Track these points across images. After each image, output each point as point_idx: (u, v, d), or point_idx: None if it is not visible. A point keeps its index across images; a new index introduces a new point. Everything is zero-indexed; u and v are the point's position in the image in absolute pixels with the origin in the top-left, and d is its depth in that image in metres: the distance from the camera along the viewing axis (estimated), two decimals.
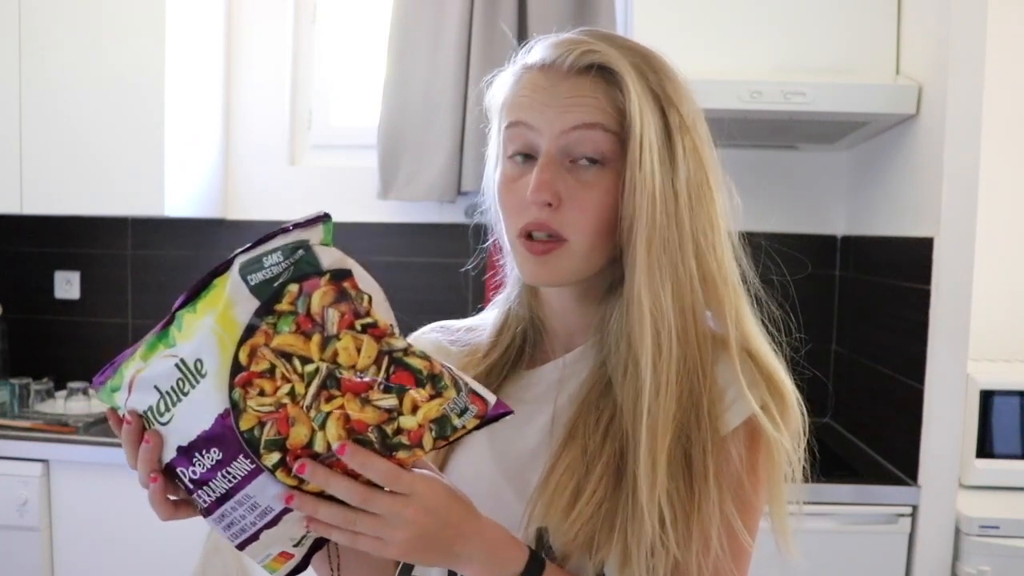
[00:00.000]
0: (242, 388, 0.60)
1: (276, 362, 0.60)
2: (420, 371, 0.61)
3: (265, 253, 0.61)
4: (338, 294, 0.60)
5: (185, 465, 0.63)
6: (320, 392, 0.60)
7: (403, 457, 0.61)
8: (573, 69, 0.73)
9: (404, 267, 2.48)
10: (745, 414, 0.73)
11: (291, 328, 0.60)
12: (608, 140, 0.72)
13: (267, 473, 0.61)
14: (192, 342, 0.61)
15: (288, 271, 0.60)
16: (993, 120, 1.83)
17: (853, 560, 1.80)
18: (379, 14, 2.48)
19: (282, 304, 0.60)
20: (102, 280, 2.60)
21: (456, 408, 0.61)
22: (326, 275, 0.60)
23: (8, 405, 2.28)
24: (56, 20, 2.20)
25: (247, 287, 0.60)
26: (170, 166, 2.22)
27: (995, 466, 1.90)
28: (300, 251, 0.61)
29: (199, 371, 0.61)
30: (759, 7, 1.98)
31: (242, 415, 0.60)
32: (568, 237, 0.73)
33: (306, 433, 0.60)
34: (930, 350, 1.75)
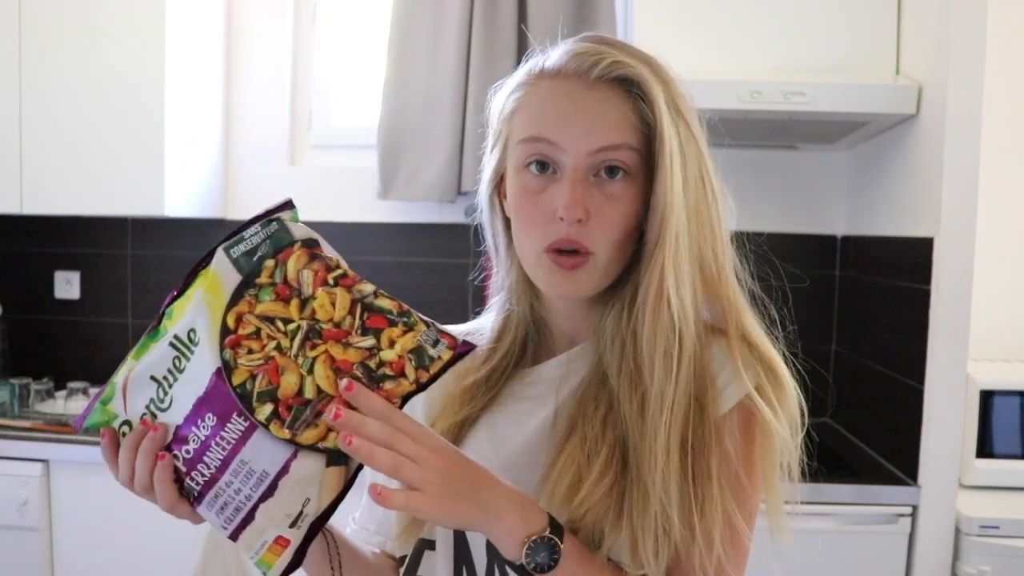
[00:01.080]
0: (232, 349, 0.65)
1: (261, 325, 0.65)
2: (390, 311, 0.66)
3: (245, 232, 0.68)
4: (310, 256, 0.67)
5: (180, 446, 0.65)
6: (304, 343, 0.65)
7: (390, 388, 0.65)
8: (599, 80, 0.73)
9: (404, 267, 2.48)
10: (739, 395, 0.74)
11: (271, 297, 0.66)
12: (633, 157, 0.73)
13: (261, 430, 0.64)
14: (184, 318, 0.67)
15: (265, 243, 0.67)
16: (993, 120, 1.83)
17: (853, 560, 1.80)
18: (379, 14, 2.48)
19: (261, 278, 0.66)
20: (102, 280, 2.60)
21: (428, 339, 0.66)
22: (298, 243, 0.67)
23: (8, 405, 2.28)
24: (56, 20, 2.20)
25: (230, 260, 0.67)
26: (170, 166, 2.22)
27: (995, 466, 1.90)
28: (274, 223, 0.68)
29: (192, 340, 0.66)
30: (759, 7, 1.98)
31: (234, 371, 0.64)
32: (595, 251, 0.74)
33: (295, 380, 0.64)
34: (930, 350, 1.75)
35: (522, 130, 0.76)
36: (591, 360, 0.79)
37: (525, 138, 0.75)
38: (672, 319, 0.72)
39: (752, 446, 0.75)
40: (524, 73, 0.79)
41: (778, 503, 0.77)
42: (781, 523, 0.77)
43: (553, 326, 0.84)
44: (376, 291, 0.67)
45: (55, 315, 2.62)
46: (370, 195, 2.46)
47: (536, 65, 0.78)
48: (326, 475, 0.65)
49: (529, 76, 0.78)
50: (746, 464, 0.75)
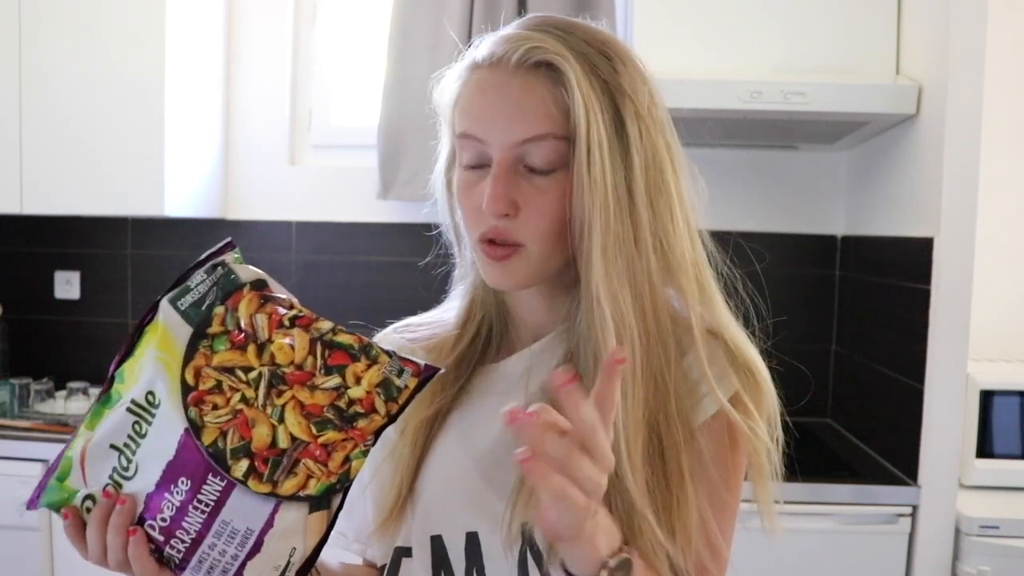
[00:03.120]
0: (196, 407, 0.62)
1: (221, 377, 0.63)
2: (352, 346, 0.64)
3: (190, 281, 0.65)
4: (261, 300, 0.64)
5: (154, 515, 0.62)
6: (270, 391, 0.63)
7: (363, 426, 0.64)
8: (520, 67, 0.70)
9: (404, 267, 2.47)
10: (715, 407, 0.73)
11: (227, 346, 0.63)
12: (558, 147, 0.70)
13: (240, 487, 0.62)
14: (139, 380, 0.64)
15: (213, 290, 0.64)
16: (993, 120, 1.82)
17: (853, 560, 1.80)
18: (379, 14, 2.48)
19: (213, 327, 0.64)
20: (102, 280, 2.60)
21: (393, 370, 0.64)
22: (246, 286, 0.64)
23: (8, 405, 2.28)
24: (56, 20, 2.20)
25: (178, 313, 0.64)
26: (170, 166, 2.22)
27: (995, 466, 1.90)
28: (219, 268, 0.65)
29: (152, 403, 0.63)
30: (759, 7, 1.98)
31: (203, 431, 0.62)
32: (525, 243, 0.72)
33: (268, 432, 0.62)
34: (930, 350, 1.75)
35: (458, 125, 0.75)
36: (559, 353, 0.77)
37: (458, 135, 0.75)
38: (610, 324, 0.69)
39: (732, 452, 0.74)
40: (463, 62, 0.77)
41: (768, 497, 0.75)
42: (772, 518, 0.75)
43: (518, 317, 0.83)
44: (334, 327, 0.65)
45: (55, 315, 2.62)
46: (370, 195, 2.46)
47: (471, 54, 0.76)
48: (310, 521, 0.63)
49: (464, 66, 0.76)
50: (722, 469, 0.73)
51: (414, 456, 0.79)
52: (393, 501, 0.78)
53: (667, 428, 0.71)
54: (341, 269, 2.51)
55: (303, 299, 0.67)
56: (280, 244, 2.53)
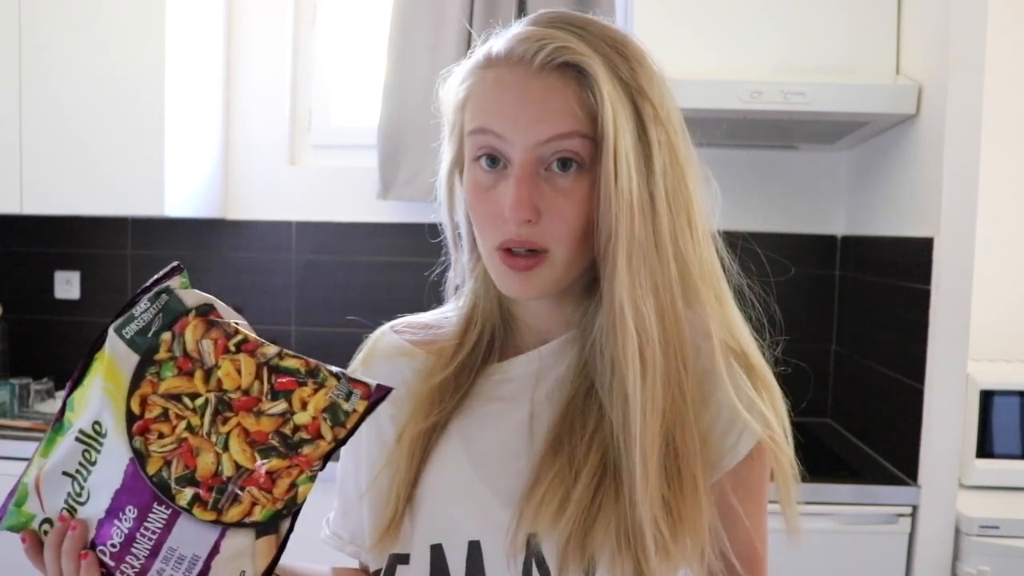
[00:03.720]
0: (141, 436, 0.63)
1: (167, 405, 0.63)
2: (298, 370, 0.64)
3: (135, 310, 0.65)
4: (207, 325, 0.64)
5: (104, 541, 0.63)
6: (215, 418, 0.63)
7: (309, 452, 0.64)
8: (544, 67, 0.68)
9: (404, 267, 2.47)
10: (754, 441, 0.73)
11: (173, 372, 0.64)
12: (584, 145, 0.68)
13: (185, 515, 0.62)
14: (87, 410, 0.64)
15: (158, 317, 0.64)
16: (993, 120, 1.82)
17: (853, 560, 1.80)
18: (379, 14, 2.48)
19: (160, 354, 0.64)
20: (102, 280, 2.60)
21: (341, 394, 0.64)
22: (191, 311, 0.65)
23: (8, 405, 2.28)
24: (56, 20, 2.20)
25: (123, 341, 0.64)
26: (170, 166, 2.22)
27: (995, 466, 1.90)
28: (163, 295, 0.65)
29: (99, 433, 0.64)
30: (759, 7, 1.98)
31: (147, 460, 0.63)
32: (549, 248, 0.69)
33: (212, 460, 0.63)
34: (930, 350, 1.75)
35: (471, 122, 0.72)
36: (569, 359, 0.76)
37: (473, 130, 0.71)
38: (634, 330, 0.68)
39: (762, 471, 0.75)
40: (474, 59, 0.74)
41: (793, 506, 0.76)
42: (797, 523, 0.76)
43: (521, 320, 0.80)
44: (280, 352, 0.65)
45: (55, 315, 2.62)
46: (370, 195, 2.46)
47: (485, 50, 0.73)
48: (258, 546, 0.64)
49: (477, 63, 0.73)
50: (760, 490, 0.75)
51: (411, 469, 0.76)
52: (390, 516, 0.76)
53: (683, 439, 0.70)
54: (341, 269, 2.51)
55: (303, 299, 0.66)
56: (280, 244, 2.53)
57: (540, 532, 0.70)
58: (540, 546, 0.70)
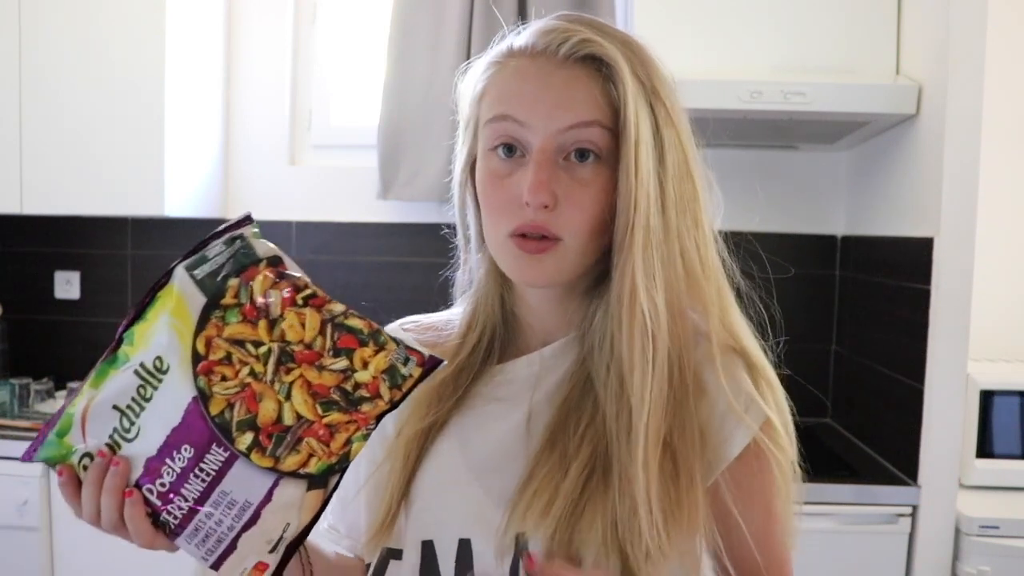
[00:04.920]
0: (205, 376, 0.63)
1: (231, 350, 0.63)
2: (361, 331, 0.65)
3: (208, 251, 0.65)
4: (277, 276, 0.64)
5: (153, 479, 0.63)
6: (278, 367, 0.63)
7: (367, 410, 0.64)
8: (567, 59, 0.69)
9: (404, 267, 2.48)
10: (749, 437, 0.72)
11: (238, 319, 0.63)
12: (604, 136, 0.69)
13: (242, 459, 0.62)
14: (149, 345, 0.64)
15: (229, 263, 0.64)
16: (993, 120, 1.82)
17: (853, 560, 1.80)
18: (379, 14, 2.48)
19: (226, 299, 0.64)
20: (102, 280, 2.60)
21: (399, 358, 0.65)
22: (262, 262, 0.65)
23: (8, 405, 2.28)
24: (56, 20, 2.20)
25: (194, 281, 0.64)
26: (170, 166, 2.22)
27: (995, 466, 1.90)
28: (237, 241, 0.65)
29: (160, 369, 0.63)
30: (759, 7, 1.98)
31: (210, 400, 0.62)
32: (563, 237, 0.70)
33: (274, 407, 0.63)
34: (930, 350, 1.75)
35: (489, 110, 0.72)
36: (570, 360, 0.76)
37: (492, 117, 0.72)
38: (645, 320, 0.69)
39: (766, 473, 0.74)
40: (493, 53, 0.75)
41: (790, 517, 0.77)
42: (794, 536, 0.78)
43: (524, 322, 0.81)
44: (346, 311, 0.65)
45: (55, 315, 2.62)
46: (370, 195, 2.46)
47: (505, 44, 0.74)
48: (306, 499, 0.64)
49: (498, 56, 0.74)
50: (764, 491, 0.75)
51: (407, 467, 0.77)
52: (385, 511, 0.77)
53: (682, 435, 0.70)
54: (341, 269, 2.51)
55: None
56: (280, 244, 2.47)
57: (528, 531, 0.70)
58: (527, 545, 0.71)
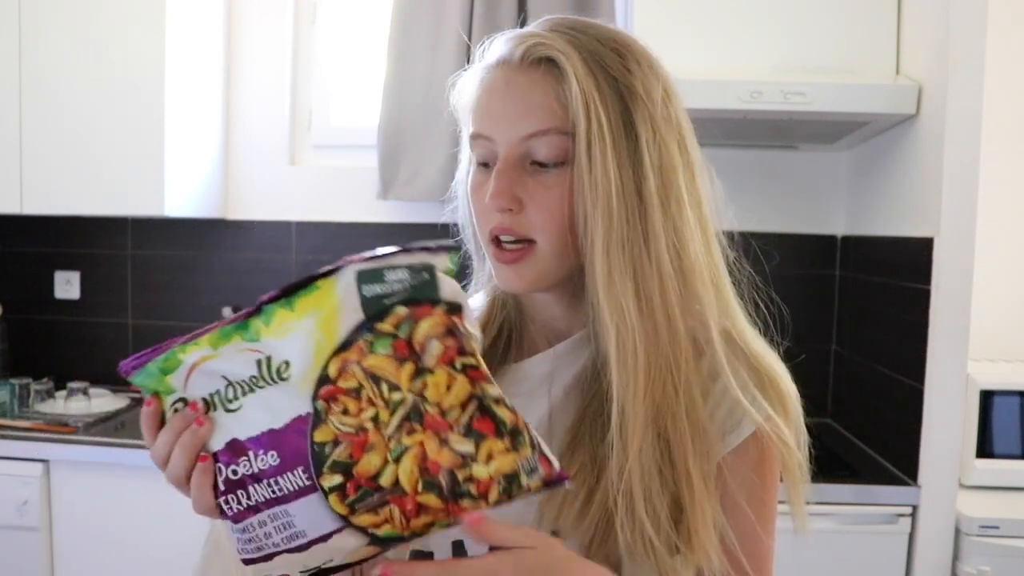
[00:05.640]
0: (325, 401, 0.58)
1: (364, 383, 0.58)
2: (504, 422, 0.59)
3: (388, 267, 0.58)
4: (448, 327, 0.58)
5: (229, 462, 0.59)
6: (403, 423, 0.58)
7: (467, 506, 0.59)
8: (523, 63, 0.71)
9: None
10: (751, 428, 0.73)
11: (386, 351, 0.57)
12: (563, 142, 0.70)
13: (319, 495, 0.58)
14: (283, 341, 0.58)
15: (405, 291, 0.58)
16: (993, 120, 1.83)
17: (853, 560, 1.80)
18: (379, 14, 2.48)
19: (385, 324, 0.57)
20: (102, 280, 2.61)
21: (527, 467, 0.59)
22: (441, 304, 0.58)
23: (8, 405, 2.28)
24: (56, 20, 2.20)
25: (359, 297, 0.57)
26: (170, 166, 2.22)
27: (995, 466, 1.90)
28: (424, 273, 0.58)
29: (281, 375, 0.58)
30: (759, 7, 1.98)
31: (321, 426, 0.58)
32: (535, 239, 0.72)
33: (378, 464, 0.58)
34: (930, 350, 1.75)
35: (470, 127, 0.75)
36: (583, 355, 0.77)
37: (470, 136, 0.75)
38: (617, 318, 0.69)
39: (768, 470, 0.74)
40: (474, 65, 0.78)
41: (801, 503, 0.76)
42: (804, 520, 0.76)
43: (539, 320, 0.82)
44: (500, 397, 0.59)
45: (55, 315, 2.62)
46: (370, 195, 2.46)
47: (480, 56, 0.77)
48: (361, 550, 0.61)
49: (476, 69, 0.77)
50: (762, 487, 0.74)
51: None
52: None
53: (675, 430, 0.70)
54: None
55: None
56: (280, 244, 2.53)
57: (563, 530, 0.70)
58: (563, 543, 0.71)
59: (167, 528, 2.01)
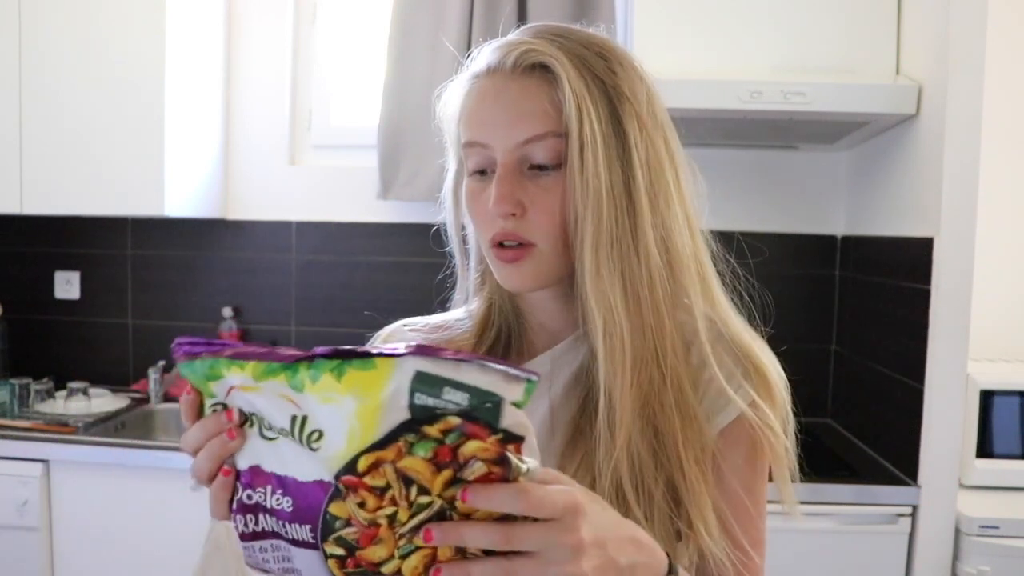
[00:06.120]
0: (346, 487, 0.55)
1: (394, 484, 0.54)
2: None
3: (452, 384, 0.52)
4: (499, 456, 0.53)
5: (248, 483, 0.59)
6: (422, 526, 0.55)
7: None
8: (516, 71, 0.73)
9: (404, 267, 2.48)
10: (735, 413, 0.74)
11: (426, 454, 0.53)
12: (559, 145, 0.72)
13: (320, 555, 0.57)
14: (322, 408, 0.55)
15: (464, 407, 0.52)
16: (993, 120, 1.83)
17: (853, 560, 1.80)
18: (379, 14, 2.48)
19: (432, 428, 0.53)
20: (102, 280, 2.61)
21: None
22: (499, 434, 0.53)
23: (8, 405, 2.28)
24: (56, 20, 2.20)
25: (409, 402, 0.53)
26: (170, 166, 2.22)
27: (995, 466, 1.90)
28: (489, 404, 0.53)
29: (310, 442, 0.56)
30: (759, 7, 1.98)
31: (338, 500, 0.56)
32: (536, 242, 0.73)
33: (383, 556, 0.56)
34: (930, 350, 1.75)
35: (463, 136, 0.76)
36: (580, 355, 0.79)
37: (464, 144, 0.76)
38: (604, 314, 0.71)
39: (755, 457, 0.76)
40: (462, 75, 0.78)
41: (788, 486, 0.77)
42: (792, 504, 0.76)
43: (536, 323, 0.83)
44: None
45: (55, 315, 2.62)
46: (370, 195, 2.46)
47: (468, 67, 0.78)
48: None
49: (463, 79, 0.78)
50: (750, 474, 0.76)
51: None
52: None
53: (664, 419, 0.72)
54: (341, 269, 2.51)
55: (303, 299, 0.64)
56: (280, 244, 2.53)
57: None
58: None
59: (167, 528, 2.01)
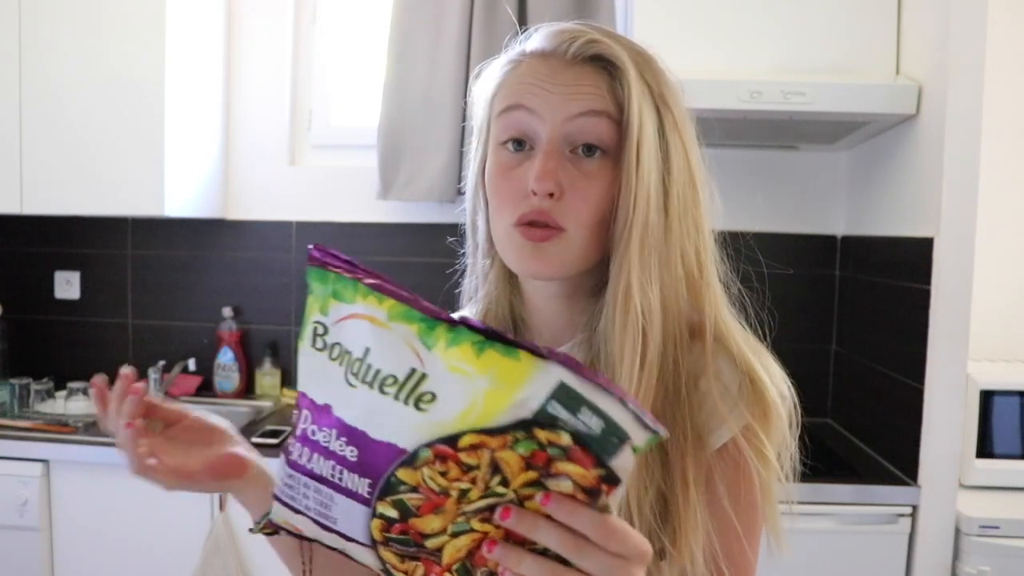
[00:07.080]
0: (433, 455, 0.54)
1: (484, 468, 0.53)
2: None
3: (592, 407, 0.51)
4: (592, 487, 0.52)
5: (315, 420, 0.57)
6: (485, 511, 0.54)
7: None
8: (576, 58, 0.72)
9: (404, 267, 2.48)
10: (728, 435, 0.72)
11: (525, 452, 0.52)
12: (612, 130, 0.71)
13: (368, 513, 0.56)
14: (448, 375, 0.53)
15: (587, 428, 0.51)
16: (993, 120, 1.83)
17: (853, 560, 1.80)
18: (379, 14, 2.48)
19: (542, 434, 0.52)
20: (102, 280, 2.61)
21: None
22: (602, 469, 0.52)
23: (8, 405, 2.28)
24: (56, 20, 2.20)
25: (540, 406, 0.51)
26: (170, 166, 2.22)
27: (995, 466, 1.90)
28: (615, 439, 0.51)
29: (419, 402, 0.54)
30: (759, 7, 1.98)
31: (408, 468, 0.54)
32: (566, 227, 0.71)
33: (435, 527, 0.55)
34: (930, 350, 1.75)
35: (500, 104, 0.74)
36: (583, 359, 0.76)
37: (503, 109, 0.73)
38: (638, 316, 0.69)
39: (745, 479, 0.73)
40: (505, 56, 0.77)
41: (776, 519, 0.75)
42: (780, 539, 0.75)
43: (534, 327, 0.81)
44: None
45: (55, 315, 2.62)
46: (370, 195, 2.46)
47: (516, 48, 0.77)
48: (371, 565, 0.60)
49: (510, 58, 0.76)
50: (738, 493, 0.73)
51: None
52: None
53: (672, 432, 0.70)
54: None
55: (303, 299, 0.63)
56: (280, 244, 2.53)
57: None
58: None
59: (167, 528, 2.01)
